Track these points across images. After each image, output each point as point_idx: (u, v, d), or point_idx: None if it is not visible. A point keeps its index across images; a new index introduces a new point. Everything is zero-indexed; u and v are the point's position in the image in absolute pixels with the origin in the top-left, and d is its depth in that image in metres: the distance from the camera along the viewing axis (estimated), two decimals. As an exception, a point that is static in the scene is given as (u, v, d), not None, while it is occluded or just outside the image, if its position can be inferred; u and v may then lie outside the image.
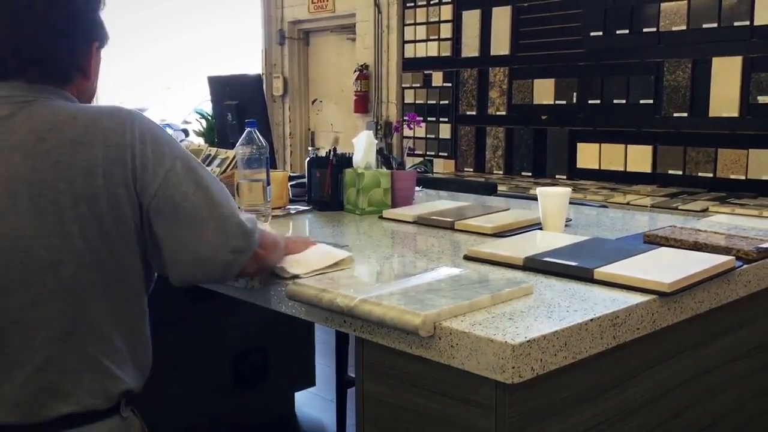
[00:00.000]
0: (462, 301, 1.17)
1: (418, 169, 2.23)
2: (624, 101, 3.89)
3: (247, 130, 1.97)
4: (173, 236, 1.23)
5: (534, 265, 1.44)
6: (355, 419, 1.30)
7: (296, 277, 1.37)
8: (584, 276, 1.36)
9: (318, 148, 2.35)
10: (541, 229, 1.81)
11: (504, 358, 1.02)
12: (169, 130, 3.02)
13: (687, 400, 1.43)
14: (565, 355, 1.09)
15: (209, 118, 2.78)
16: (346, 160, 2.24)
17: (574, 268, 1.38)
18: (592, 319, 1.14)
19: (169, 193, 1.21)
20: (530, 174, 4.36)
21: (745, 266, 1.48)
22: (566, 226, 1.86)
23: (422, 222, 1.98)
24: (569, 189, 1.83)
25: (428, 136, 4.88)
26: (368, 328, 1.20)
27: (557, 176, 4.22)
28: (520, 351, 1.02)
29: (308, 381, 3.07)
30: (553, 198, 1.80)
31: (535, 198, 1.89)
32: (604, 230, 1.93)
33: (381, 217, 2.09)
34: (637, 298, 1.24)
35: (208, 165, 2.39)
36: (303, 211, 2.22)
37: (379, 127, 2.31)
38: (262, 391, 2.86)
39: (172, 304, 1.33)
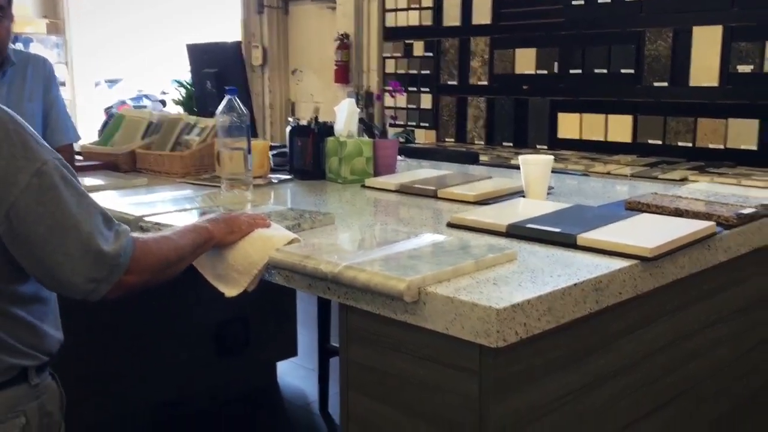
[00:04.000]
0: (446, 266, 1.16)
1: (400, 138, 2.22)
2: (605, 71, 3.88)
3: (227, 97, 1.95)
4: (27, 258, 1.19)
5: (517, 232, 1.44)
6: (339, 386, 1.30)
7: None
8: (567, 242, 1.36)
9: (298, 119, 2.33)
10: (523, 196, 1.81)
11: (488, 323, 1.03)
12: (146, 102, 2.99)
13: (668, 363, 1.44)
14: (549, 320, 1.10)
15: (188, 86, 2.73)
16: (328, 129, 2.22)
17: (557, 235, 1.38)
18: (575, 284, 1.14)
19: (21, 215, 1.15)
20: (511, 144, 4.36)
21: (725, 232, 1.50)
22: (548, 194, 1.87)
23: (405, 190, 1.97)
24: (551, 157, 1.84)
25: (409, 106, 4.85)
26: (352, 294, 1.19)
27: (538, 146, 4.22)
28: (504, 315, 1.03)
29: (290, 351, 3.07)
30: (535, 166, 1.80)
31: (516, 167, 1.89)
32: (586, 198, 1.94)
33: (363, 186, 2.08)
34: (619, 264, 1.25)
35: (188, 134, 2.36)
36: (285, 181, 2.20)
37: (359, 98, 2.29)
38: (244, 362, 2.86)
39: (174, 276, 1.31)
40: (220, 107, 1.95)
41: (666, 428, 1.48)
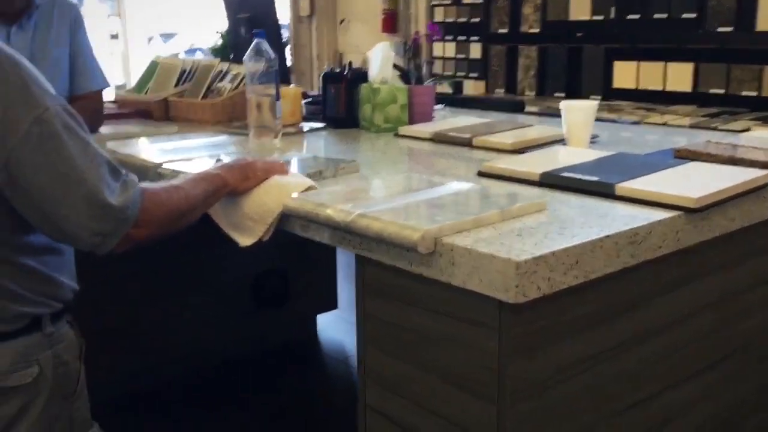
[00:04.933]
0: (467, 216, 1.08)
1: (444, 85, 2.12)
2: (665, 15, 3.66)
3: (255, 41, 1.87)
4: (30, 210, 1.14)
5: (551, 181, 1.34)
6: (356, 339, 1.24)
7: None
8: (605, 192, 1.25)
9: (332, 66, 2.24)
10: (564, 144, 1.70)
11: (508, 276, 0.94)
12: (199, 55, 2.91)
13: (710, 325, 1.34)
14: (576, 275, 1.01)
15: (223, 34, 2.67)
16: (362, 75, 2.13)
17: (594, 184, 1.28)
18: (608, 236, 1.04)
19: (21, 166, 1.09)
20: (563, 95, 4.17)
21: (783, 182, 1.36)
22: (592, 142, 1.75)
23: (439, 139, 1.88)
24: (595, 102, 1.71)
25: (458, 56, 4.70)
26: (367, 245, 1.12)
27: (592, 97, 4.03)
28: (525, 269, 0.94)
29: (330, 304, 3.04)
30: (577, 111, 1.68)
31: (563, 116, 1.77)
32: (634, 147, 1.81)
33: (397, 135, 1.99)
34: (660, 215, 1.14)
35: (220, 81, 2.31)
36: (317, 129, 2.13)
37: (407, 47, 2.19)
38: (283, 315, 2.84)
39: (187, 226, 1.26)
40: (248, 52, 1.88)
41: (708, 393, 1.38)
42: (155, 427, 2.31)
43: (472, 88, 4.67)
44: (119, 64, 6.66)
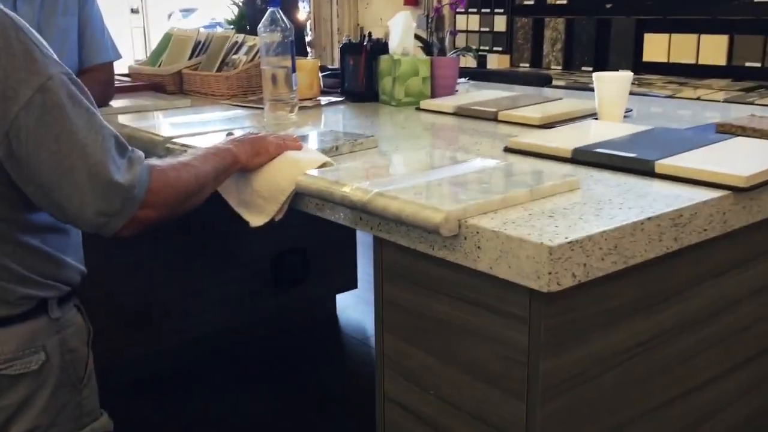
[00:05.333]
0: (494, 195, 0.99)
1: (469, 56, 2.02)
2: (699, -15, 3.51)
3: (269, 10, 1.78)
4: (31, 185, 1.06)
5: (584, 158, 1.24)
6: (374, 325, 1.17)
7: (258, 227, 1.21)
8: (643, 169, 1.16)
9: (350, 37, 2.14)
10: (596, 119, 1.60)
11: (539, 262, 0.85)
12: (219, 30, 2.84)
13: (756, 314, 1.24)
14: (615, 260, 0.92)
15: (239, 4, 2.58)
16: (382, 47, 2.03)
17: (631, 160, 1.18)
18: (649, 218, 0.95)
19: (22, 137, 1.02)
20: (591, 69, 4.03)
21: (838, 160, 1.26)
22: (625, 117, 1.64)
23: (463, 113, 1.78)
24: (630, 73, 1.61)
25: (482, 29, 4.57)
26: (386, 226, 1.04)
27: (621, 70, 3.90)
28: (559, 254, 0.85)
29: (350, 283, 2.97)
30: (611, 83, 1.57)
31: (594, 91, 1.66)
32: (670, 122, 1.70)
33: (418, 109, 1.90)
34: (706, 194, 1.04)
35: (235, 53, 2.22)
36: (335, 103, 2.04)
37: (429, 21, 2.10)
38: (303, 294, 2.78)
39: (206, 203, 1.19)
40: (262, 22, 1.79)
41: (751, 388, 1.29)
42: (174, 407, 2.27)
43: (497, 62, 4.54)
44: (140, 39, 6.60)
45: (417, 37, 2.04)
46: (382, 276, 1.12)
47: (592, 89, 1.63)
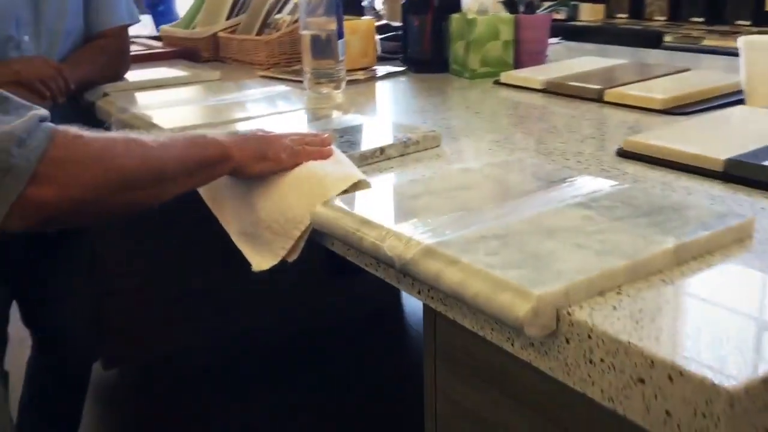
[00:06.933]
0: (614, 259, 0.60)
1: (558, 12, 1.59)
2: None
3: (310, -41, 1.41)
4: None
5: (746, 173, 0.83)
6: (425, 419, 0.81)
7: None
8: None
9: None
10: (743, 103, 1.16)
11: (710, 416, 0.47)
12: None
13: None
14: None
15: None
16: (453, 3, 1.63)
17: (825, 184, 0.77)
18: None
19: None
20: (702, 20, 3.48)
21: None
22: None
23: (556, 90, 1.37)
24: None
25: (574, -25, 4.04)
26: (441, 296, 0.67)
27: (738, 22, 3.33)
28: (744, 405, 0.47)
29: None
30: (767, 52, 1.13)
31: (713, 51, 1.23)
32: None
33: (498, 83, 1.50)
34: None
35: (278, 12, 1.86)
36: (394, 74, 1.66)
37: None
38: (364, 282, 2.48)
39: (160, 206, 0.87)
40: (301, -26, 1.42)
41: None
42: (236, 397, 2.12)
43: (589, 12, 4.01)
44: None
45: (498, -11, 1.62)
46: (435, 355, 0.76)
47: (708, 50, 1.20)
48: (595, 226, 0.68)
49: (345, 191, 0.82)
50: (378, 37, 1.87)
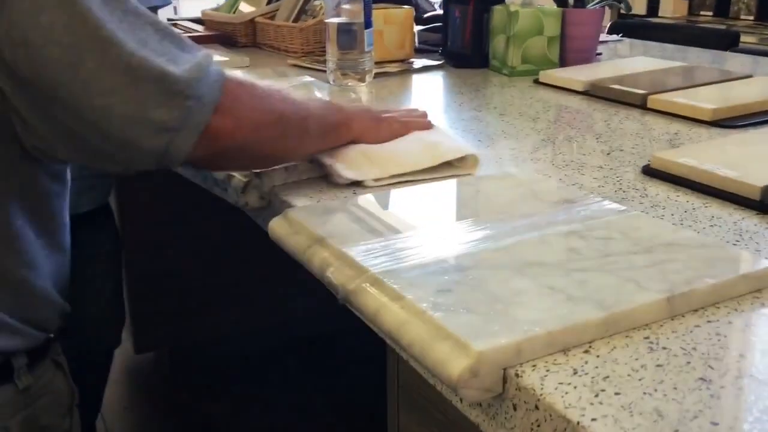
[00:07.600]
0: (589, 308, 0.50)
1: (609, 6, 1.46)
2: None
3: (338, -58, 1.32)
4: (43, 111, 0.66)
5: (786, 207, 0.70)
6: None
7: (358, 183, 0.80)
8: None
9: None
10: (807, 117, 1.02)
11: None
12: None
13: None
14: None
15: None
16: (498, -7, 1.51)
17: None
18: None
19: (22, 29, 0.61)
20: (793, 21, 3.23)
21: None
22: None
23: (596, 93, 1.24)
24: None
25: (655, -32, 3.83)
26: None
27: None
28: None
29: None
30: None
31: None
32: None
33: (537, 82, 1.38)
34: None
35: (317, -1, 1.78)
36: (429, 68, 1.56)
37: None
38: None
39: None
40: (329, -43, 1.33)
41: None
42: (261, 388, 2.07)
43: (671, 8, 3.80)
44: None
45: (547, -20, 1.49)
46: (397, 396, 0.67)
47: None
48: (579, 262, 0.57)
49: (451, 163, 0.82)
50: (419, 28, 1.77)
